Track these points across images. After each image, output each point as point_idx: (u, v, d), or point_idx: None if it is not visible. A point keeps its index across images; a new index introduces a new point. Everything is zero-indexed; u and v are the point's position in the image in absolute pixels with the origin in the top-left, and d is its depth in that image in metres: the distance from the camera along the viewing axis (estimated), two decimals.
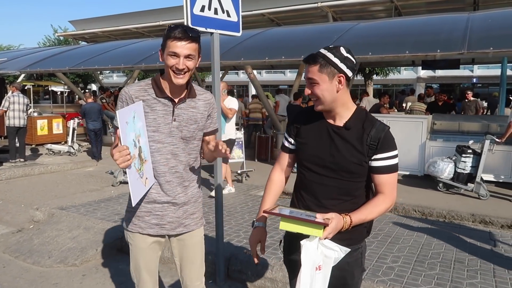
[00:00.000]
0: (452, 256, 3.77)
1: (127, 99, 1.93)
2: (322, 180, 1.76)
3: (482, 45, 6.14)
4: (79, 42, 18.14)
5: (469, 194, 6.08)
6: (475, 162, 6.10)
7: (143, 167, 1.86)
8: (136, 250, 2.08)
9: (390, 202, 1.73)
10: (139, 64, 9.30)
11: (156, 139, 1.96)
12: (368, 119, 1.74)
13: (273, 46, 8.41)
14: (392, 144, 1.72)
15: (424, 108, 9.30)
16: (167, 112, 1.95)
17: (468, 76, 30.15)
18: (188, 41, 1.83)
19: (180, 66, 1.84)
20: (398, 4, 11.01)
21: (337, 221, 1.59)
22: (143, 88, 1.96)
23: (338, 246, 1.60)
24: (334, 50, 1.67)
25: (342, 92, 1.70)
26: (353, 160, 1.70)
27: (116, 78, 41.37)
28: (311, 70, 1.68)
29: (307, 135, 1.81)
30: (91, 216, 4.83)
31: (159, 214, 2.03)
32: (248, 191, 6.27)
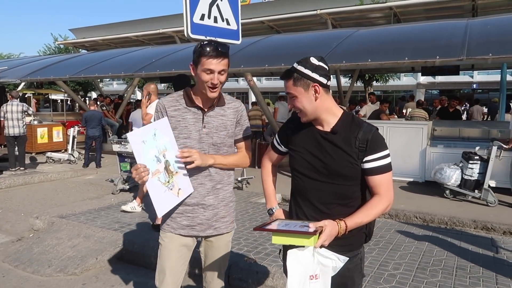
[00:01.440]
0: (454, 263, 3.75)
1: (161, 109, 2.10)
2: (316, 185, 1.79)
3: (481, 51, 6.16)
4: (79, 50, 18.23)
5: (475, 201, 6.02)
6: (482, 169, 6.03)
7: (172, 179, 1.98)
8: (165, 251, 2.17)
9: (387, 202, 1.73)
10: (139, 72, 9.34)
11: (188, 145, 2.08)
12: (355, 122, 1.76)
13: (273, 54, 8.44)
14: (382, 144, 1.73)
15: (424, 114, 9.30)
16: (197, 120, 2.08)
17: (468, 82, 30.22)
18: (222, 58, 1.96)
19: (215, 82, 1.97)
20: (397, 11, 11.09)
21: (331, 228, 1.60)
22: (175, 98, 2.12)
23: (336, 254, 1.59)
24: (304, 62, 1.71)
25: (321, 99, 1.73)
26: (344, 164, 1.71)
27: (116, 86, 41.50)
28: (287, 85, 1.75)
29: (298, 142, 1.85)
30: (91, 224, 4.81)
31: (190, 215, 2.13)
32: (248, 198, 6.26)
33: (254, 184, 7.26)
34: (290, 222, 1.73)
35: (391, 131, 7.57)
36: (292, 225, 1.66)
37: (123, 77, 18.26)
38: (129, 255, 4.12)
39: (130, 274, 3.85)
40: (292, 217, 1.91)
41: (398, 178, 7.27)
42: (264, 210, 5.51)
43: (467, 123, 9.32)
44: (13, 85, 14.72)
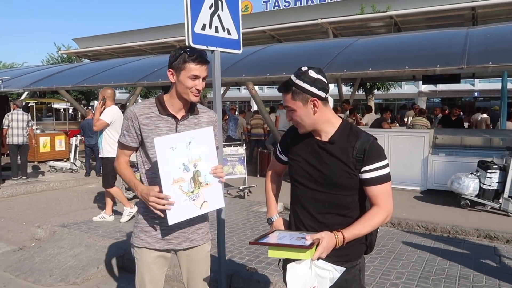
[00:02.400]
0: (457, 272, 3.73)
1: (131, 116, 2.03)
2: (314, 194, 1.78)
3: (481, 60, 6.18)
4: (82, 59, 18.36)
5: (495, 211, 5.95)
6: (501, 178, 5.96)
7: (198, 190, 1.94)
8: (142, 265, 2.12)
9: (386, 213, 1.71)
10: (141, 81, 9.39)
11: None
12: (353, 132, 1.74)
13: (274, 62, 8.49)
14: (379, 154, 1.71)
15: (426, 122, 9.31)
16: (170, 128, 2.04)
17: (470, 90, 30.26)
18: (206, 65, 1.99)
19: (200, 87, 1.98)
20: (398, 20, 11.15)
21: (328, 240, 1.59)
22: (147, 106, 2.06)
23: (333, 266, 1.59)
24: (302, 76, 1.69)
25: (319, 113, 1.73)
26: (341, 174, 1.71)
27: (118, 95, 41.58)
28: (286, 98, 1.74)
29: (296, 151, 1.86)
30: (93, 233, 4.80)
31: (165, 229, 2.06)
32: (250, 207, 6.25)
33: (256, 193, 7.25)
34: (287, 234, 1.73)
35: (393, 140, 7.57)
36: (289, 238, 1.66)
37: (125, 86, 18.35)
38: (130, 264, 4.09)
39: (131, 283, 3.83)
40: (291, 226, 1.91)
41: (400, 186, 7.25)
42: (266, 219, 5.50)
43: (469, 131, 9.31)
44: (16, 94, 14.82)
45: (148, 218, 2.08)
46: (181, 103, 2.04)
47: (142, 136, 2.04)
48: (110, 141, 5.22)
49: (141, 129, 2.02)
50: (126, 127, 2.06)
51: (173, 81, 2.02)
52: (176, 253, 2.19)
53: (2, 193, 7.33)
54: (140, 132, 2.03)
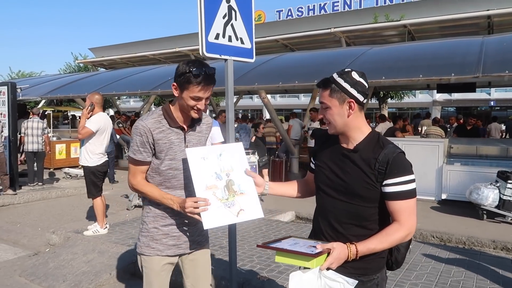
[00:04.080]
0: (472, 284, 3.65)
1: (146, 132, 2.00)
2: (334, 203, 1.75)
3: (497, 69, 6.12)
4: (98, 68, 18.70)
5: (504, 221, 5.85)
6: None
7: (233, 198, 1.92)
8: (152, 274, 2.13)
9: (407, 231, 1.64)
10: (156, 89, 9.52)
11: (173, 166, 2.07)
12: (379, 143, 1.69)
13: (287, 71, 8.53)
14: (404, 169, 1.64)
15: (440, 132, 9.20)
16: (180, 140, 2.08)
17: (485, 99, 29.81)
18: (211, 86, 1.97)
19: (202, 107, 1.99)
20: (411, 28, 11.11)
21: (339, 251, 1.56)
22: (157, 120, 2.05)
23: (343, 277, 1.56)
24: (345, 75, 1.67)
25: (353, 116, 1.69)
26: (361, 184, 1.66)
27: (133, 103, 42.25)
28: (323, 94, 1.71)
29: (322, 158, 1.83)
30: (106, 240, 4.85)
31: (176, 235, 2.12)
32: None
33: (268, 201, 7.23)
34: (301, 241, 1.70)
35: (407, 149, 7.46)
36: (301, 245, 1.64)
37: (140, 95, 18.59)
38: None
39: None
40: (312, 234, 1.89)
41: None
42: (278, 228, 5.48)
43: (484, 141, 9.15)
44: (34, 102, 15.16)
45: (159, 226, 2.11)
46: (185, 114, 2.07)
47: (156, 151, 2.04)
48: (90, 149, 4.97)
49: (155, 144, 2.02)
50: (140, 143, 2.01)
51: (176, 94, 2.03)
52: (181, 258, 2.22)
53: (19, 199, 7.47)
54: (154, 147, 2.03)
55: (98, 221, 5.12)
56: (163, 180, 2.08)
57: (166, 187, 2.08)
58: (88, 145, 4.98)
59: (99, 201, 5.16)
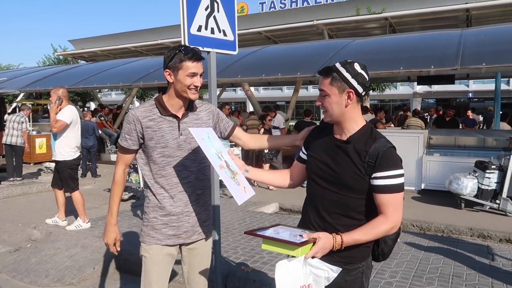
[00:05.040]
0: (450, 270, 3.77)
1: (134, 120, 2.06)
2: (324, 193, 1.78)
3: (475, 61, 6.26)
4: (78, 61, 18.33)
5: (493, 211, 6.01)
6: (499, 178, 6.00)
7: (236, 177, 1.94)
8: (151, 263, 2.17)
9: (392, 224, 1.67)
10: (138, 82, 9.41)
11: (166, 154, 2.10)
12: (372, 136, 1.72)
13: (270, 63, 8.54)
14: (394, 163, 1.66)
15: (420, 123, 9.38)
16: (173, 128, 2.10)
17: (464, 91, 30.45)
18: (202, 61, 2.05)
19: (198, 84, 2.04)
20: (393, 21, 11.23)
21: (324, 241, 1.59)
22: (148, 108, 2.10)
23: (328, 265, 1.59)
24: (347, 66, 1.70)
25: (350, 107, 1.72)
26: (351, 175, 1.69)
27: (115, 96, 41.64)
28: (323, 82, 1.73)
29: (315, 149, 1.86)
30: (89, 234, 4.81)
31: (175, 225, 2.14)
32: (245, 208, 6.27)
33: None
34: (288, 230, 1.73)
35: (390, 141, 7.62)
36: (288, 233, 1.67)
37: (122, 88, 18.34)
38: (127, 265, 4.12)
39: (127, 283, 3.85)
40: (301, 223, 1.92)
41: None
42: (262, 220, 5.53)
43: (463, 131, 9.38)
44: (12, 95, 14.79)
45: (158, 216, 2.15)
46: (180, 102, 2.09)
47: (145, 139, 2.08)
48: (66, 143, 4.95)
49: (143, 132, 2.06)
50: (127, 130, 2.08)
51: (170, 81, 2.06)
52: (181, 249, 2.25)
53: None
54: (143, 135, 2.07)
55: (80, 215, 5.07)
56: (158, 169, 2.12)
57: (162, 175, 2.12)
58: (63, 139, 4.95)
59: (78, 195, 5.12)
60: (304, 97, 30.04)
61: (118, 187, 2.19)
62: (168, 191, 2.13)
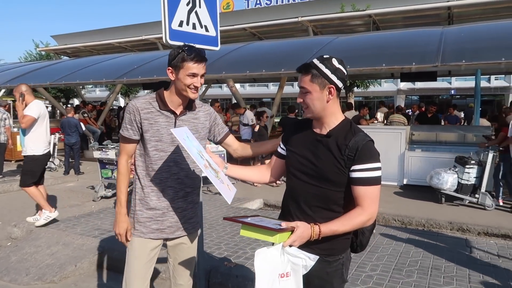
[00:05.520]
0: (429, 263, 3.85)
1: (134, 110, 2.11)
2: (305, 187, 1.80)
3: (455, 58, 6.36)
4: (61, 57, 18.02)
5: (472, 205, 6.13)
6: (478, 173, 6.13)
7: (219, 175, 1.96)
8: (133, 254, 2.20)
9: (368, 216, 1.70)
10: (121, 78, 9.30)
11: (159, 148, 2.13)
12: (351, 130, 1.75)
13: (255, 60, 8.53)
14: (372, 156, 1.70)
15: (403, 119, 9.51)
16: (169, 123, 2.13)
17: (447, 88, 30.94)
18: (204, 63, 2.08)
19: (198, 84, 2.08)
20: (376, 18, 11.34)
21: (302, 230, 1.61)
22: (148, 101, 2.14)
23: (305, 253, 1.61)
24: (326, 61, 1.72)
25: (331, 102, 1.75)
26: (332, 169, 1.72)
27: (99, 93, 41.08)
28: (304, 79, 1.74)
29: (295, 143, 1.88)
30: (71, 231, 4.76)
31: (160, 219, 2.17)
32: (230, 204, 6.27)
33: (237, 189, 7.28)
34: (267, 220, 1.75)
35: (371, 136, 7.69)
36: (267, 223, 1.68)
37: (105, 84, 18.09)
38: (109, 262, 4.09)
39: (109, 281, 3.83)
40: (281, 217, 1.93)
41: None
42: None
43: (443, 127, 9.55)
44: None
45: (143, 209, 2.17)
46: (180, 99, 2.13)
47: (142, 130, 2.12)
48: (35, 138, 4.94)
49: (142, 123, 2.10)
50: (128, 120, 2.12)
51: (172, 78, 2.10)
52: (167, 243, 2.27)
53: None
54: (141, 126, 2.11)
55: (44, 207, 5.01)
56: (151, 162, 2.14)
57: (153, 169, 2.14)
58: (32, 134, 4.95)
59: (33, 189, 5.03)
60: (290, 93, 30.07)
61: (123, 177, 2.19)
62: (157, 185, 2.15)
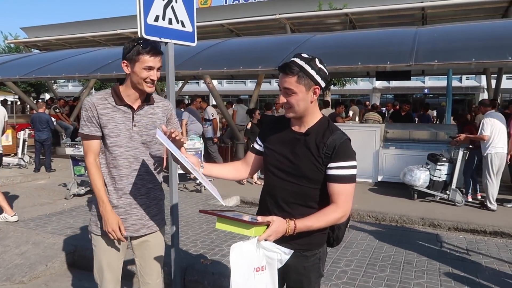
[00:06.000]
0: (401, 258, 3.94)
1: (90, 107, 2.07)
2: (283, 184, 1.81)
3: (428, 58, 6.51)
4: (31, 50, 17.42)
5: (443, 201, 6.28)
6: (449, 170, 6.29)
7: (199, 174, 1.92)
8: (100, 252, 2.18)
9: (342, 213, 1.72)
10: (95, 73, 9.07)
11: (118, 144, 2.09)
12: (329, 128, 1.77)
13: (232, 56, 8.49)
14: (348, 155, 1.73)
15: (378, 117, 9.68)
16: (127, 118, 2.10)
17: (420, 87, 31.69)
18: (160, 56, 2.06)
19: (154, 77, 2.05)
20: (353, 17, 11.47)
21: (278, 225, 1.62)
22: (103, 97, 2.10)
23: (280, 248, 1.62)
24: (311, 62, 1.71)
25: (314, 102, 1.77)
26: (309, 167, 1.74)
27: (71, 88, 39.99)
28: (289, 80, 1.71)
29: (273, 141, 1.88)
30: (41, 230, 4.63)
31: (123, 217, 2.14)
32: (206, 201, 6.25)
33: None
34: (242, 214, 1.74)
35: (347, 134, 7.81)
36: (241, 216, 1.67)
37: (78, 79, 17.66)
38: (82, 261, 4.00)
39: (82, 280, 3.74)
40: (258, 214, 1.93)
41: None
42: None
43: (417, 126, 9.78)
44: None
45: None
46: (136, 93, 2.11)
47: (101, 126, 2.08)
48: None
49: (100, 118, 2.07)
50: (87, 118, 2.08)
51: (127, 72, 2.07)
52: (131, 242, 2.24)
53: None
54: (99, 121, 2.07)
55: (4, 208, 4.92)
56: (111, 158, 2.10)
57: (114, 166, 2.10)
58: None
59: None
60: (267, 91, 30.17)
61: (96, 176, 2.11)
62: (117, 182, 2.11)
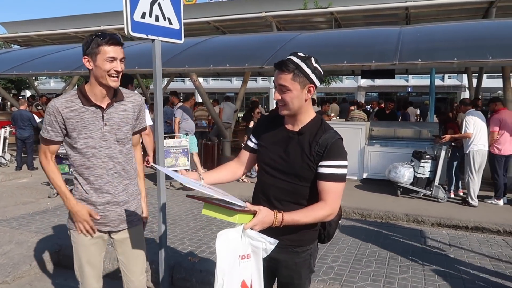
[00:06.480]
0: (386, 253, 4.01)
1: (54, 112, 1.99)
2: (275, 182, 1.83)
3: (411, 57, 6.61)
4: (11, 45, 17.04)
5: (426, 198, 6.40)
6: (433, 167, 6.40)
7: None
8: (79, 248, 2.16)
9: (329, 210, 1.73)
10: (78, 70, 8.93)
11: (90, 145, 2.05)
12: (322, 128, 1.78)
13: (218, 54, 8.45)
14: (340, 154, 1.74)
15: (363, 115, 9.79)
16: (96, 118, 2.05)
17: (404, 86, 32.19)
18: (121, 46, 2.02)
19: (118, 68, 2.00)
20: (338, 16, 11.55)
21: (265, 215, 1.62)
22: (69, 99, 2.03)
23: (265, 237, 1.62)
24: (308, 61, 1.73)
25: (308, 100, 1.78)
26: (302, 165, 1.75)
27: (53, 85, 39.24)
28: (284, 77, 1.72)
29: (266, 139, 1.89)
30: (25, 229, 4.55)
31: (102, 215, 2.13)
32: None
33: None
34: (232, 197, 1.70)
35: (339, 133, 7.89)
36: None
37: (61, 75, 17.35)
38: (67, 260, 3.94)
39: (67, 279, 3.70)
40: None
41: None
42: None
43: (401, 124, 9.92)
44: None
45: (83, 203, 2.12)
46: (103, 90, 2.05)
47: (68, 130, 2.02)
48: None
49: (65, 123, 2.01)
50: (49, 122, 2.02)
51: (90, 67, 2.01)
52: (112, 238, 2.23)
53: None
54: (65, 126, 2.02)
55: None
56: (83, 160, 2.07)
57: (87, 166, 2.07)
58: None
59: None
60: (253, 88, 30.23)
61: (56, 175, 2.12)
62: (93, 182, 2.09)
